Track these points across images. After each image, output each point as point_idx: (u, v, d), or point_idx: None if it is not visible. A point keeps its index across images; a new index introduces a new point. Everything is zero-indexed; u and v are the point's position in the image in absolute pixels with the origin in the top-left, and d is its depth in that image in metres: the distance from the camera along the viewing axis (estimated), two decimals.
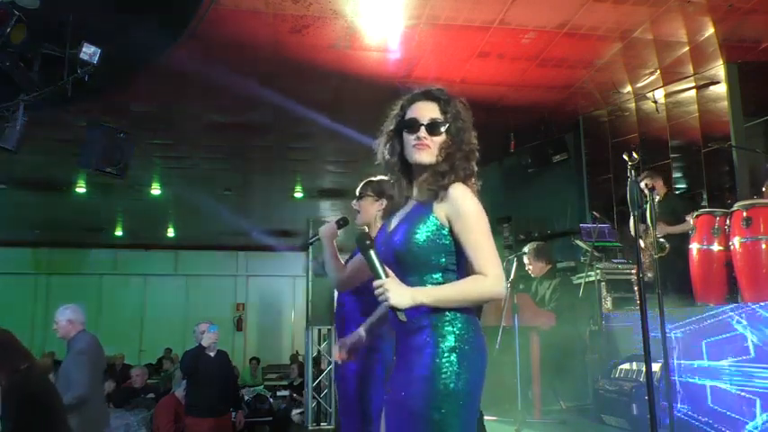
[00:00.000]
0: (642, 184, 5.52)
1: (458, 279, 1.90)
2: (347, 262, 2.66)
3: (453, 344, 1.82)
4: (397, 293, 1.78)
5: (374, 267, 1.82)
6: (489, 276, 1.82)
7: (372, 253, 1.83)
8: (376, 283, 1.80)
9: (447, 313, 1.85)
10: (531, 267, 5.93)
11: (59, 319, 4.68)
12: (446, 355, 1.81)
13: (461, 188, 1.89)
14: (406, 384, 1.85)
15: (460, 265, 1.90)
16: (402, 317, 1.80)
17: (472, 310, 1.91)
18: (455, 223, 1.86)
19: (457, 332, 1.84)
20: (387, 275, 1.81)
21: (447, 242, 1.88)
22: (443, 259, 1.88)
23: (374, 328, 2.29)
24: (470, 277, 1.85)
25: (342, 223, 2.89)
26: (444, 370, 1.80)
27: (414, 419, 1.80)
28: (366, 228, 2.97)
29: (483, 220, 1.88)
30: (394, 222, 2.02)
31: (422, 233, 1.88)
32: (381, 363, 2.68)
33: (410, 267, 1.89)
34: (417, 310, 1.84)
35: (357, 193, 2.97)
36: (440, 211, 1.88)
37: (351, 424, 2.74)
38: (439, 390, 1.78)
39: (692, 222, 5.13)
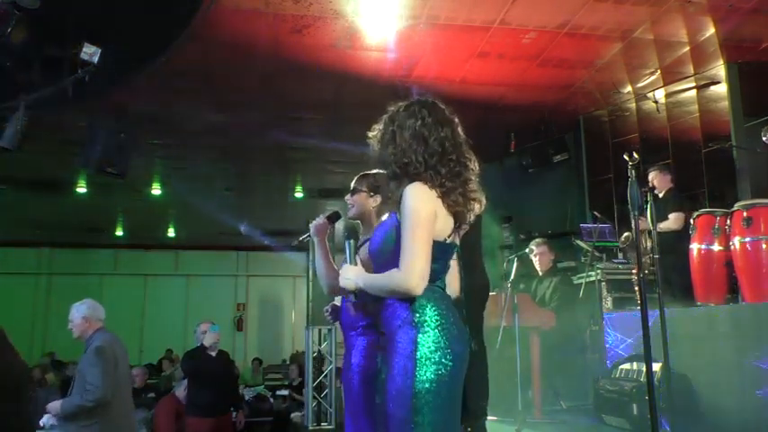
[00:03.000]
0: (649, 177, 5.57)
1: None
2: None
3: (417, 345, 1.89)
4: (345, 277, 2.07)
5: (349, 255, 2.14)
6: (401, 270, 1.89)
7: (351, 242, 2.13)
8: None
9: (420, 316, 1.92)
10: (540, 258, 5.91)
11: (74, 316, 4.10)
12: (408, 355, 1.89)
13: (410, 187, 1.96)
14: (383, 385, 1.95)
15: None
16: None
17: (444, 310, 1.96)
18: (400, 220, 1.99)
19: (423, 333, 1.90)
20: (355, 264, 2.11)
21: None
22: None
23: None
24: (392, 270, 1.94)
25: (334, 218, 2.79)
26: (406, 371, 1.87)
27: (386, 419, 1.90)
28: (359, 221, 2.92)
29: (415, 215, 1.91)
30: None
31: (390, 236, 2.03)
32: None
33: (381, 263, 2.06)
34: (390, 314, 1.97)
35: (351, 187, 2.86)
36: (399, 212, 1.99)
37: (354, 424, 2.72)
38: (401, 390, 1.86)
39: (677, 221, 5.20)
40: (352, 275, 2.06)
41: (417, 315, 1.92)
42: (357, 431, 2.70)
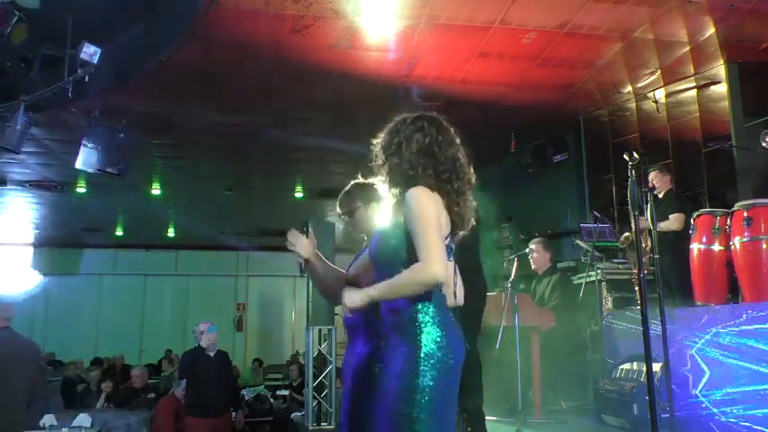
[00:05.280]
0: (649, 177, 5.58)
1: None
2: (350, 264, 2.60)
3: (421, 343, 1.97)
4: (349, 295, 2.07)
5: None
6: (424, 261, 1.95)
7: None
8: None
9: (416, 315, 2.00)
10: (537, 257, 5.91)
11: None
12: (412, 352, 1.97)
13: (414, 190, 2.06)
14: (384, 382, 2.03)
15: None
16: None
17: (445, 310, 2.05)
18: (406, 221, 2.05)
19: (426, 332, 1.98)
20: None
21: (407, 240, 2.06)
22: (405, 254, 2.05)
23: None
24: (413, 265, 1.98)
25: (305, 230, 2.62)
26: (410, 367, 1.95)
27: (388, 416, 1.96)
28: (365, 237, 2.73)
29: (425, 212, 2.02)
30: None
31: (392, 238, 2.10)
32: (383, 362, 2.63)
33: (382, 267, 2.11)
34: (388, 312, 2.06)
35: (347, 209, 2.72)
36: (401, 214, 2.09)
37: (352, 423, 2.72)
38: (405, 386, 1.94)
39: (678, 221, 5.21)
40: (357, 292, 2.07)
41: (421, 315, 2.00)
42: (355, 430, 2.71)
